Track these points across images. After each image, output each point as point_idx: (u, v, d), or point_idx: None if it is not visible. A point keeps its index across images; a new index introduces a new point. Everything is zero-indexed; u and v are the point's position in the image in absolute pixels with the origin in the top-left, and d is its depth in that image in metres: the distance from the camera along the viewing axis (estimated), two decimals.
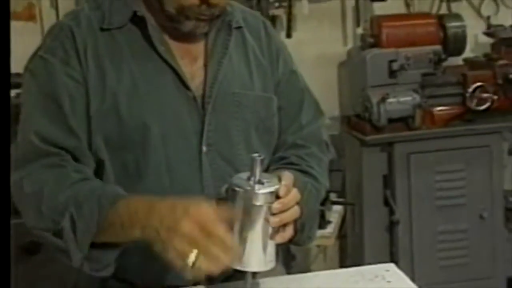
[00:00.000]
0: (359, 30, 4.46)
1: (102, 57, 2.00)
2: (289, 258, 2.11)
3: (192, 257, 1.73)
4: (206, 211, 1.76)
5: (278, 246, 1.91)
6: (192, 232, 1.73)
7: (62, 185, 1.92)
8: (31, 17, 4.02)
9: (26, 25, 3.91)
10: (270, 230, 1.82)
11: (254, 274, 1.85)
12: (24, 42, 2.07)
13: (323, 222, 3.58)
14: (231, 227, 1.80)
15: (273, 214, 1.81)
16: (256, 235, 1.81)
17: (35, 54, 2.06)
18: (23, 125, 2.04)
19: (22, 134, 2.01)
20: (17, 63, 2.06)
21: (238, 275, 1.87)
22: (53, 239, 1.90)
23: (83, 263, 1.89)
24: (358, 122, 4.25)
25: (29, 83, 2.06)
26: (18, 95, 3.70)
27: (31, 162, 1.97)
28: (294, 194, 1.86)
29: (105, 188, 1.94)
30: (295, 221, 1.92)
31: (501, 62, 4.12)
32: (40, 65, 2.02)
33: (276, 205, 1.80)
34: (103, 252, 1.90)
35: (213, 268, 1.74)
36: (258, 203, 1.78)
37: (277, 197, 1.81)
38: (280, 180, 1.85)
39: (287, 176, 1.87)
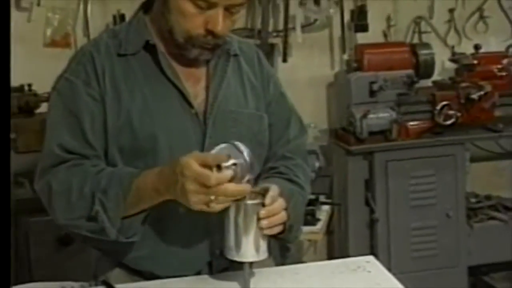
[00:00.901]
0: (345, 56, 4.44)
1: (118, 79, 2.01)
2: (285, 251, 2.17)
3: (211, 199, 1.76)
4: (193, 167, 1.77)
5: (272, 241, 1.96)
6: (198, 189, 1.76)
7: (85, 178, 1.93)
8: (67, 45, 4.02)
9: (63, 51, 3.91)
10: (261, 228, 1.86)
11: (251, 264, 1.88)
12: (61, 65, 2.11)
13: (313, 220, 3.60)
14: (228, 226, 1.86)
15: (262, 219, 1.84)
16: (249, 231, 1.85)
17: (61, 76, 2.06)
18: (48, 137, 2.05)
19: (47, 145, 2.03)
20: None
21: (236, 265, 1.91)
22: (87, 223, 1.93)
23: (118, 236, 1.91)
24: (343, 134, 4.26)
25: (55, 101, 2.06)
26: None
27: (54, 168, 1.98)
28: (280, 202, 1.90)
29: (122, 170, 1.96)
30: (284, 223, 1.95)
31: (464, 84, 4.14)
32: (66, 85, 2.03)
33: (263, 212, 1.84)
34: (131, 222, 1.93)
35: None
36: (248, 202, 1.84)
37: (264, 205, 1.85)
38: (267, 191, 1.89)
39: (274, 188, 1.90)
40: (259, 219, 1.85)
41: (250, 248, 1.86)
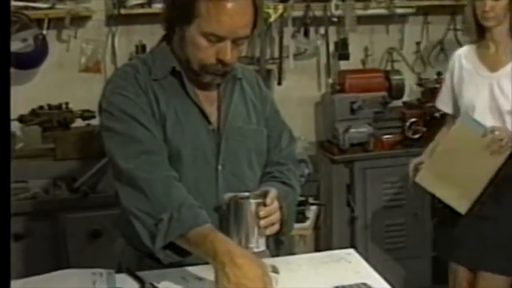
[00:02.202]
0: (330, 80, 4.43)
1: (157, 95, 1.98)
2: (279, 244, 2.16)
3: None
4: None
5: (269, 236, 1.95)
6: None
7: (172, 184, 1.88)
8: (98, 70, 4.02)
9: (95, 76, 3.92)
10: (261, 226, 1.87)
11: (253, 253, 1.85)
12: (93, 87, 2.08)
13: (303, 218, 3.61)
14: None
15: (262, 218, 1.86)
16: (252, 227, 1.86)
17: (112, 92, 1.97)
18: (110, 147, 1.95)
19: (120, 152, 1.93)
20: (91, 103, 1.99)
21: None
22: (147, 220, 1.84)
23: (159, 251, 1.83)
24: (329, 145, 4.28)
25: (112, 112, 1.95)
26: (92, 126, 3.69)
27: (136, 158, 1.90)
28: (277, 204, 1.91)
29: (198, 210, 1.85)
30: (279, 220, 1.95)
31: (428, 104, 4.12)
32: (120, 98, 1.95)
33: (262, 212, 1.86)
34: (173, 251, 1.85)
35: None
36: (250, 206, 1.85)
37: (265, 205, 1.87)
38: (268, 193, 1.90)
39: (273, 191, 1.92)
40: (259, 217, 1.86)
41: (252, 240, 1.87)
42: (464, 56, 3.13)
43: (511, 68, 2.98)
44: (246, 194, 1.91)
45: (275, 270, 1.86)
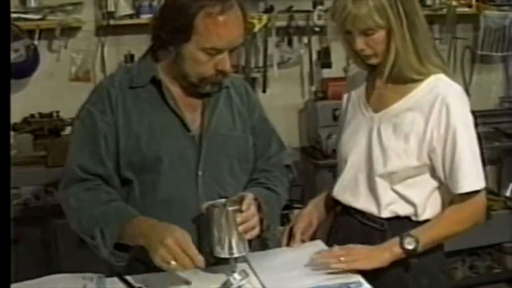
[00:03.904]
0: (313, 88, 4.46)
1: (129, 108, 2.02)
2: (264, 247, 2.17)
3: (172, 264, 1.77)
4: (184, 235, 1.81)
5: (252, 240, 1.96)
6: (173, 246, 1.77)
7: (96, 204, 1.96)
8: (88, 79, 4.03)
9: (85, 85, 3.89)
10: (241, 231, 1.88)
11: (236, 259, 1.90)
12: (83, 96, 2.11)
13: (288, 222, 3.60)
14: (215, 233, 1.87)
15: (240, 224, 1.87)
16: (232, 233, 1.86)
17: (83, 106, 2.07)
18: (70, 157, 2.06)
19: (69, 163, 2.04)
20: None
21: (223, 261, 1.92)
22: (89, 239, 1.96)
23: (109, 257, 1.93)
24: (312, 151, 4.29)
25: (77, 127, 2.08)
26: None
27: (73, 185, 2.00)
28: (254, 209, 1.92)
29: (124, 208, 1.97)
30: (261, 224, 1.97)
31: None
32: (85, 114, 2.05)
33: (239, 218, 1.87)
34: (120, 254, 1.94)
35: (183, 270, 1.81)
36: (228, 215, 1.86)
37: (241, 211, 1.88)
38: (244, 198, 1.91)
39: (249, 196, 1.93)
40: (237, 224, 1.87)
41: (233, 246, 1.87)
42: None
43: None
44: (223, 201, 1.91)
45: (244, 274, 1.86)
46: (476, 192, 2.00)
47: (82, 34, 4.08)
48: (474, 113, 2.04)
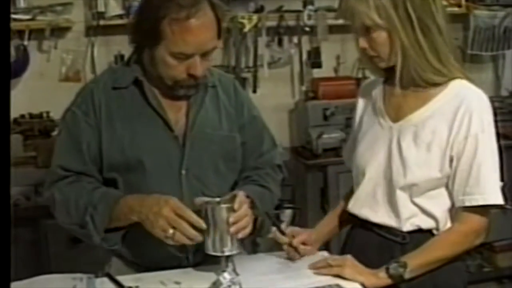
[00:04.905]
0: (303, 88, 4.46)
1: (112, 110, 2.04)
2: (255, 246, 2.18)
3: (170, 232, 1.81)
4: (179, 203, 1.86)
5: (245, 238, 1.96)
6: (170, 215, 1.82)
7: (81, 194, 1.98)
8: (78, 80, 4.00)
9: (75, 85, 3.79)
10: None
11: (227, 257, 1.89)
12: (73, 96, 2.11)
13: (278, 221, 3.59)
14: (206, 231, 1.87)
15: (232, 224, 1.86)
16: (224, 231, 1.86)
17: (68, 108, 2.09)
18: (54, 157, 2.09)
19: (53, 164, 2.08)
20: None
21: (212, 259, 1.92)
22: (79, 229, 1.98)
23: (101, 242, 1.97)
24: (303, 151, 4.28)
25: (62, 128, 2.13)
26: None
27: (57, 183, 2.03)
28: (246, 208, 1.92)
29: (110, 192, 2.01)
30: (255, 221, 1.98)
31: None
32: (70, 115, 2.07)
33: (231, 219, 1.86)
34: (114, 233, 1.98)
35: (185, 240, 1.83)
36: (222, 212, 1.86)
37: (234, 210, 1.88)
38: (236, 196, 1.91)
39: (241, 195, 1.93)
40: (229, 223, 1.87)
41: (225, 244, 1.87)
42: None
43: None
44: (217, 199, 1.91)
45: (234, 273, 1.86)
46: (483, 209, 1.90)
47: (72, 35, 4.07)
48: None
